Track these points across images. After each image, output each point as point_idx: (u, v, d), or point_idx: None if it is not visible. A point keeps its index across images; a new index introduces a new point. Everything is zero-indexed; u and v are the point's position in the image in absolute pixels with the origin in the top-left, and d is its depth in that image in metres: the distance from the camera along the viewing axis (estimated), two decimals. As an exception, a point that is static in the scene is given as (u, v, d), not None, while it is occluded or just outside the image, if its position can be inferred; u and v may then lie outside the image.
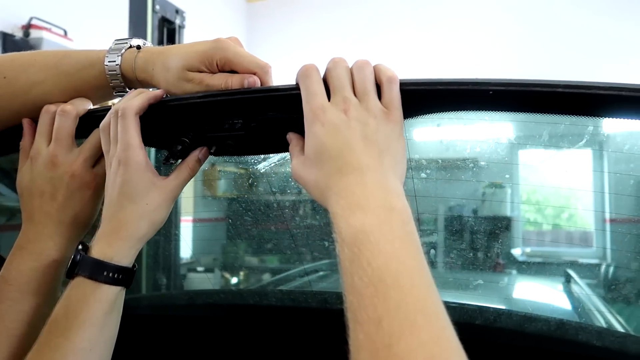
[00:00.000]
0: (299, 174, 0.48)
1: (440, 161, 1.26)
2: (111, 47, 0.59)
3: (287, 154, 0.54)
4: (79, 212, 0.58)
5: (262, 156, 0.73)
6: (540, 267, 2.13)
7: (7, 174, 0.77)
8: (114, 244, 0.51)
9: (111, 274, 0.50)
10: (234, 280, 2.26)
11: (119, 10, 2.70)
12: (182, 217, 1.63)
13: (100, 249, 0.51)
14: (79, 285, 0.50)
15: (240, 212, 1.50)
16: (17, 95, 0.59)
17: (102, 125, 0.55)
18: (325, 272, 1.55)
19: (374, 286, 0.37)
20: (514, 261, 2.04)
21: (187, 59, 0.54)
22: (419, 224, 0.43)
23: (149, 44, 0.60)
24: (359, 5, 4.35)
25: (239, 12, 4.70)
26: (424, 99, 0.50)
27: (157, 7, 2.18)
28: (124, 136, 0.52)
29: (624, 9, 3.75)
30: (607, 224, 2.29)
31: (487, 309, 0.71)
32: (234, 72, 0.55)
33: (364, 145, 0.45)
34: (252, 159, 0.78)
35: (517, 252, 2.41)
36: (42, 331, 0.50)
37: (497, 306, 0.81)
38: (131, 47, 0.58)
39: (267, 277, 2.25)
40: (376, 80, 0.48)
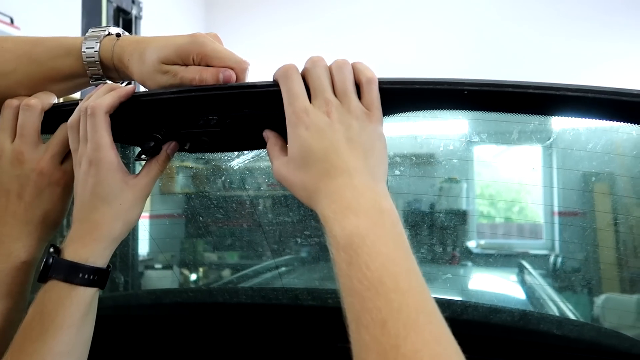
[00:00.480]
0: (283, 175, 0.48)
1: (398, 157, 1.28)
2: (88, 34, 0.56)
3: (261, 150, 0.54)
4: (48, 211, 0.56)
5: (235, 152, 0.72)
6: (494, 258, 2.21)
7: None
8: (89, 246, 0.50)
9: (87, 276, 0.49)
10: (195, 277, 2.23)
11: (70, -3, 2.58)
12: (143, 214, 1.59)
13: (74, 250, 0.49)
14: (53, 288, 0.48)
15: (203, 208, 1.48)
16: None
17: (70, 122, 0.52)
18: (290, 267, 1.55)
19: (374, 289, 0.38)
20: (469, 253, 2.10)
21: (164, 51, 0.53)
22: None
23: (126, 33, 0.58)
24: (322, -3, 4.35)
25: (197, 3, 4.59)
26: (401, 97, 0.51)
27: (112, -4, 2.10)
28: (94, 136, 0.50)
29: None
30: (556, 217, 2.40)
31: (455, 302, 0.74)
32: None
33: (349, 147, 0.45)
34: (225, 156, 0.77)
35: (472, 244, 2.49)
36: (15, 337, 0.48)
37: (458, 298, 0.84)
38: (110, 34, 0.56)
39: (229, 273, 2.22)
40: (355, 80, 0.48)
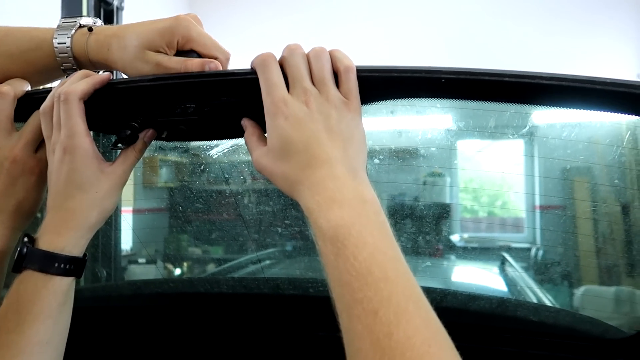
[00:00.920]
0: (264, 166, 0.48)
1: (383, 150, 1.29)
2: (59, 25, 0.55)
3: (240, 140, 0.53)
4: (23, 200, 0.55)
5: (214, 142, 0.72)
6: (477, 251, 2.24)
7: None
8: (64, 234, 0.49)
9: (62, 265, 0.48)
10: (180, 271, 2.21)
11: (49, -12, 2.52)
12: (124, 208, 1.58)
13: (49, 240, 0.48)
14: (29, 278, 0.47)
15: (185, 201, 1.47)
16: None
17: (43, 108, 0.51)
18: (272, 258, 1.55)
19: (364, 279, 0.38)
20: (452, 247, 2.13)
21: (147, 37, 0.52)
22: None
23: (100, 22, 0.57)
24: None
25: (181, -5, 4.54)
26: (379, 85, 0.51)
27: (93, -13, 2.06)
28: (68, 122, 0.49)
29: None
30: (537, 211, 2.44)
31: (434, 289, 0.75)
32: (192, 51, 0.53)
33: (329, 137, 0.45)
34: (204, 145, 0.77)
35: (455, 238, 2.51)
36: None
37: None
38: (81, 26, 0.55)
39: (213, 267, 2.22)
40: (333, 68, 0.48)
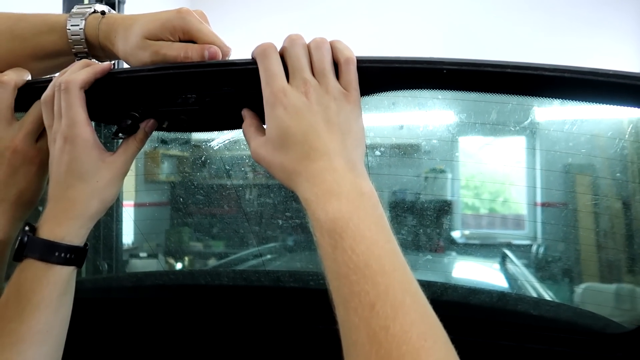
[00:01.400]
0: (262, 156, 0.48)
1: (384, 147, 1.29)
2: (73, 11, 0.56)
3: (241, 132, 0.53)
4: (24, 190, 0.55)
5: (215, 135, 0.72)
6: (478, 248, 2.24)
7: None
8: (64, 224, 0.49)
9: (63, 254, 0.48)
10: (180, 265, 2.22)
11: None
12: (125, 202, 1.58)
13: (49, 229, 0.49)
14: (29, 267, 0.48)
15: (187, 195, 1.47)
16: None
17: (44, 98, 0.52)
18: (274, 252, 1.55)
19: (361, 272, 0.38)
20: (454, 243, 2.13)
21: (148, 26, 0.52)
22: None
23: (113, 11, 0.57)
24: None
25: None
26: (379, 77, 0.51)
27: (95, -20, 2.06)
28: (68, 112, 0.49)
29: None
30: (538, 207, 2.43)
31: (435, 283, 0.75)
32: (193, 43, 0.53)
33: (328, 129, 0.45)
34: (205, 138, 0.77)
35: (456, 234, 2.51)
36: None
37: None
38: (95, 12, 0.56)
39: (214, 260, 2.22)
40: (333, 59, 0.48)
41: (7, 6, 0.63)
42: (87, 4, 0.56)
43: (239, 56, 0.53)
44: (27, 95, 0.55)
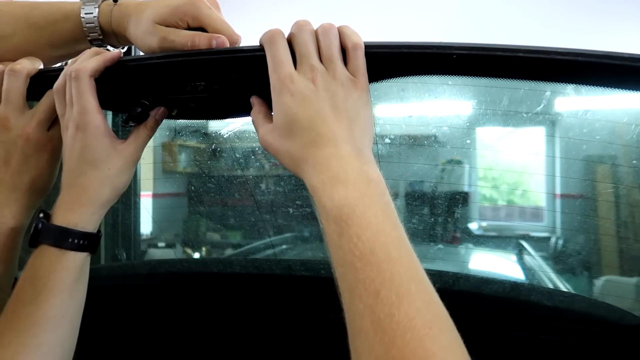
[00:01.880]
0: (269, 143, 0.48)
1: (401, 138, 1.28)
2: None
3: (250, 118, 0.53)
4: (36, 178, 0.56)
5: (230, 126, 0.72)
6: (495, 240, 2.21)
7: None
8: (77, 210, 0.50)
9: (76, 241, 0.49)
10: (197, 255, 2.25)
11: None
12: (142, 192, 1.60)
13: (62, 215, 0.49)
14: (44, 253, 0.49)
15: (201, 186, 1.49)
16: None
17: (55, 87, 0.52)
18: (290, 245, 1.56)
19: (366, 259, 0.38)
20: (470, 235, 2.11)
21: (159, 11, 0.52)
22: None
23: None
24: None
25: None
26: (388, 62, 0.50)
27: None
28: (79, 100, 0.50)
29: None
30: (557, 199, 2.39)
31: (447, 272, 0.74)
32: (203, 30, 0.53)
33: (335, 115, 0.45)
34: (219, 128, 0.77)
35: (473, 226, 2.48)
36: (8, 302, 0.49)
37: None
38: None
39: (230, 250, 2.24)
40: (341, 44, 0.48)
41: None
42: None
43: (251, 44, 0.53)
44: (40, 84, 0.55)
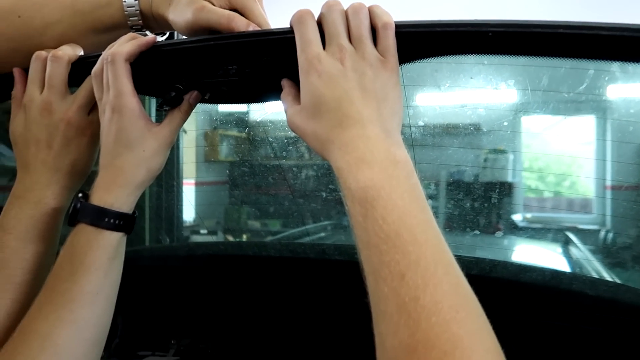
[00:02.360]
0: (297, 124, 0.48)
1: (442, 126, 1.25)
2: None
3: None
4: (76, 160, 0.58)
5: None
6: (540, 232, 2.14)
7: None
8: (113, 191, 0.51)
9: (112, 220, 0.50)
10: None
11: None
12: (185, 180, 1.65)
13: (99, 196, 0.51)
14: (82, 231, 0.50)
15: (241, 175, 1.51)
16: (32, 36, 0.58)
17: (94, 71, 0.54)
18: (327, 233, 1.56)
19: (392, 242, 0.38)
20: (514, 226, 2.05)
21: None
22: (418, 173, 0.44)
23: None
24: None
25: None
26: (420, 42, 0.49)
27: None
28: (115, 83, 0.51)
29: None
30: (608, 191, 2.29)
31: (483, 259, 0.72)
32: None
33: (362, 96, 0.44)
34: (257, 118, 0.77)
35: (517, 217, 2.41)
36: (48, 277, 0.51)
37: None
38: None
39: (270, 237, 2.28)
40: (371, 24, 0.47)
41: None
42: None
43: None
44: (80, 69, 0.57)
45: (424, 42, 0.49)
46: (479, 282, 0.37)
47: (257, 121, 1.25)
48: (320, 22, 0.48)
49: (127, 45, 0.52)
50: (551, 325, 0.66)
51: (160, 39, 0.61)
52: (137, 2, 0.56)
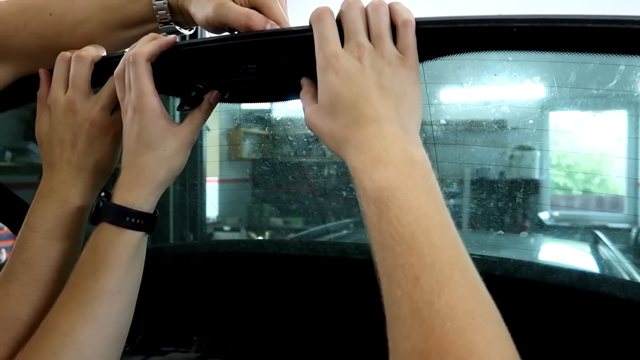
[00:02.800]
0: (313, 123, 0.48)
1: (465, 123, 1.23)
2: None
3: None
4: (100, 159, 0.58)
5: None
6: (568, 231, 2.09)
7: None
8: (134, 190, 0.52)
9: (133, 220, 0.51)
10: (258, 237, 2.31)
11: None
12: (208, 178, 1.66)
13: (121, 195, 0.52)
14: (104, 230, 0.51)
15: (264, 173, 1.52)
16: (63, 34, 0.59)
17: (116, 72, 0.55)
18: (348, 231, 1.56)
19: (406, 244, 0.37)
20: (541, 224, 2.01)
21: None
22: (437, 173, 0.43)
23: None
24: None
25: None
26: (442, 39, 0.48)
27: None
28: (136, 83, 0.52)
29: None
30: (640, 189, 2.22)
31: (507, 260, 0.71)
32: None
33: (380, 94, 0.44)
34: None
35: (544, 215, 2.36)
36: (70, 275, 0.52)
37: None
38: None
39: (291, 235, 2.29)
40: (391, 21, 0.46)
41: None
42: None
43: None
44: (104, 70, 0.58)
45: (446, 38, 0.48)
46: (503, 283, 0.36)
47: (278, 119, 1.25)
48: (339, 20, 0.47)
49: (148, 45, 0.52)
50: (578, 328, 0.64)
51: (187, 33, 0.62)
52: None
